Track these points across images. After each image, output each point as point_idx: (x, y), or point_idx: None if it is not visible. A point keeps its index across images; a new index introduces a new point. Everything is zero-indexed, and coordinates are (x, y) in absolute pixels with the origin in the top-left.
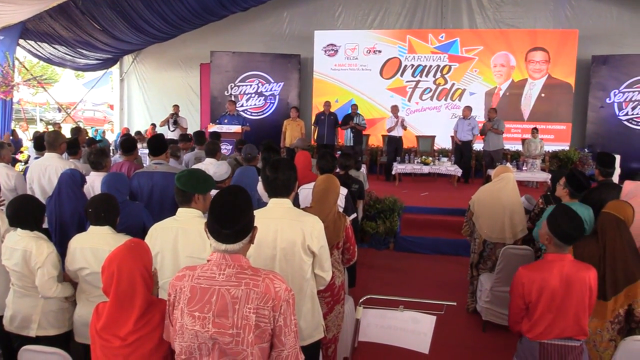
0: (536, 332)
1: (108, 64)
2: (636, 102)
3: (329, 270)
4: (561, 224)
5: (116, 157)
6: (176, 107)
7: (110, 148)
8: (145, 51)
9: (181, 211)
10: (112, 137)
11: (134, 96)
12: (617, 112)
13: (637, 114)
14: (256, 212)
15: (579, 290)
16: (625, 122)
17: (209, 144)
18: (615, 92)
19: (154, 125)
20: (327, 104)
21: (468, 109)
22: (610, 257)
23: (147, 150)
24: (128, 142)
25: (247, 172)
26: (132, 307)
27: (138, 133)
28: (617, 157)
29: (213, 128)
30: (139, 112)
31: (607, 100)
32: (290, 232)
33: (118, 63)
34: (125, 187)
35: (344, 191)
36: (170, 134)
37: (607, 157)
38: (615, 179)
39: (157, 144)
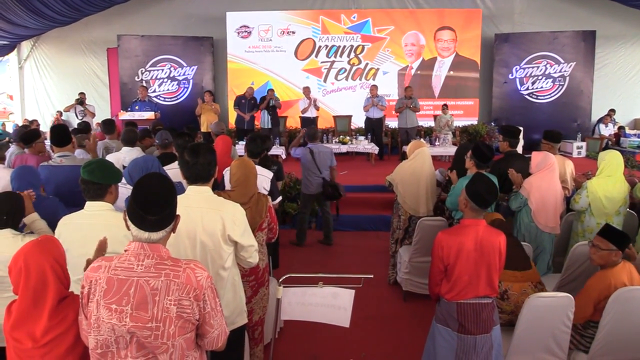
0: (454, 293)
1: (4, 51)
2: (535, 77)
3: (255, 254)
4: (478, 189)
5: (13, 150)
6: (82, 94)
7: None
8: (45, 36)
9: (90, 205)
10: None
11: (35, 85)
12: (519, 87)
13: (537, 88)
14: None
15: (491, 253)
16: (527, 96)
17: (126, 132)
18: (516, 68)
19: (60, 113)
20: (250, 89)
21: (375, 87)
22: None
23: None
24: (28, 133)
25: (144, 160)
26: (44, 301)
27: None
28: (521, 129)
29: (124, 115)
30: (42, 101)
31: (510, 76)
32: (210, 221)
33: (16, 50)
34: (38, 181)
35: (269, 174)
36: (78, 122)
37: (512, 129)
38: (519, 149)
39: (61, 134)
